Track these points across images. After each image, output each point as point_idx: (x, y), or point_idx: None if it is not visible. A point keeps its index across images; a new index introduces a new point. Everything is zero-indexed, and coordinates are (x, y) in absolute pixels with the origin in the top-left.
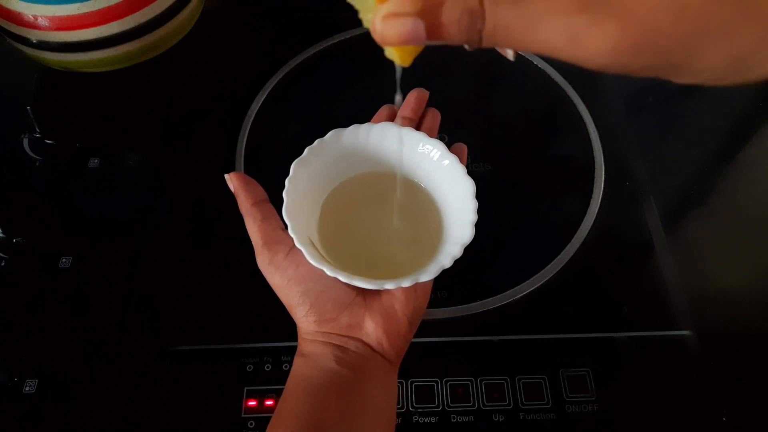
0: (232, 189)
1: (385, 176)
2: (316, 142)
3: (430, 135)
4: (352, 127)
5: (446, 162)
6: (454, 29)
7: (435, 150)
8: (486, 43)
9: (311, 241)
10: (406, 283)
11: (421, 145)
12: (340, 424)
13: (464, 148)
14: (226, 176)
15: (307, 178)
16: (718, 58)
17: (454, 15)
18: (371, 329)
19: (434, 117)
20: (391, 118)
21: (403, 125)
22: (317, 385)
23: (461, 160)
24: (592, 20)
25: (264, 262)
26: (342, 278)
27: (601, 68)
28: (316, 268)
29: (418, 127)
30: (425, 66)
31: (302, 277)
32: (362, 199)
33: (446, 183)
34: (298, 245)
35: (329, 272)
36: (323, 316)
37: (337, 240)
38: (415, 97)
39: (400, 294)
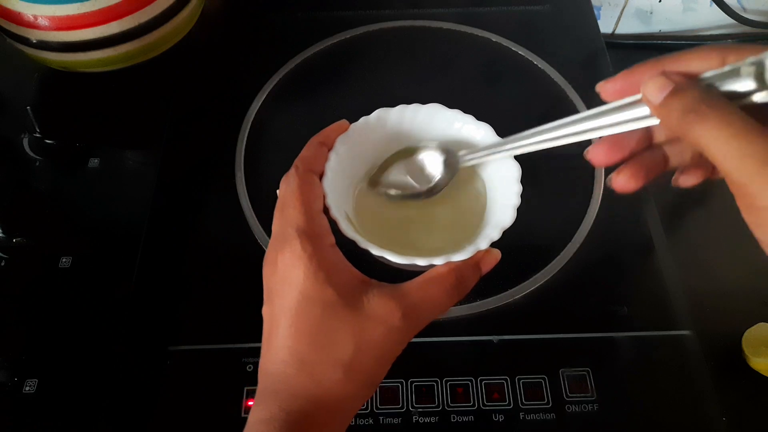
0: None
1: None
2: (361, 119)
3: None
4: (399, 107)
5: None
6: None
7: (482, 131)
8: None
9: (348, 216)
10: (438, 261)
11: (469, 125)
12: None
13: None
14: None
15: (347, 155)
16: None
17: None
18: None
19: None
20: None
21: None
22: None
23: None
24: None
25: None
26: (373, 251)
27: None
28: None
29: None
30: (424, 67)
31: None
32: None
33: (491, 165)
34: (334, 214)
35: (361, 244)
36: None
37: (372, 219)
38: None
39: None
